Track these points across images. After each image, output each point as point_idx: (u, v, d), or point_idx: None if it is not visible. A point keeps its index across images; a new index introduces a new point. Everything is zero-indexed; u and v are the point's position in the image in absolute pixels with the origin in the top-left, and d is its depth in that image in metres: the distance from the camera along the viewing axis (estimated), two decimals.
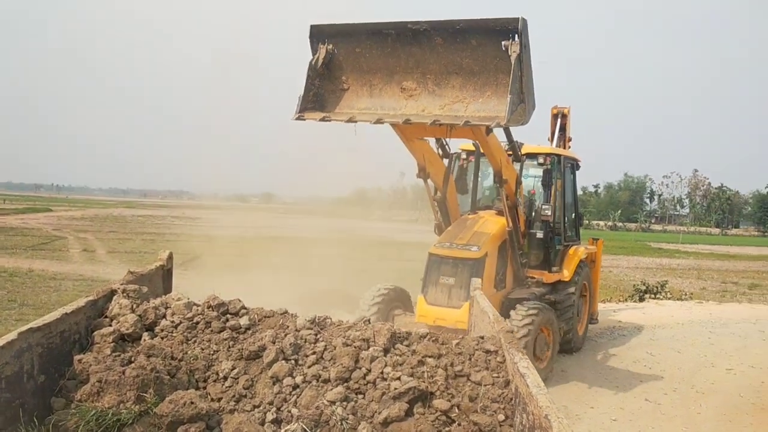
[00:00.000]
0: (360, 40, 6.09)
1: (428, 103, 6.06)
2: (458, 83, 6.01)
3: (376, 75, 6.20)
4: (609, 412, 7.31)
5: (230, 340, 4.54)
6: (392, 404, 3.92)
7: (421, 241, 44.79)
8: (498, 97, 5.80)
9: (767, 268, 36.04)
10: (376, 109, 6.17)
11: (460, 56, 5.92)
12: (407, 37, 5.96)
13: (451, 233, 8.64)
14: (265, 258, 25.94)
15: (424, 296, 8.21)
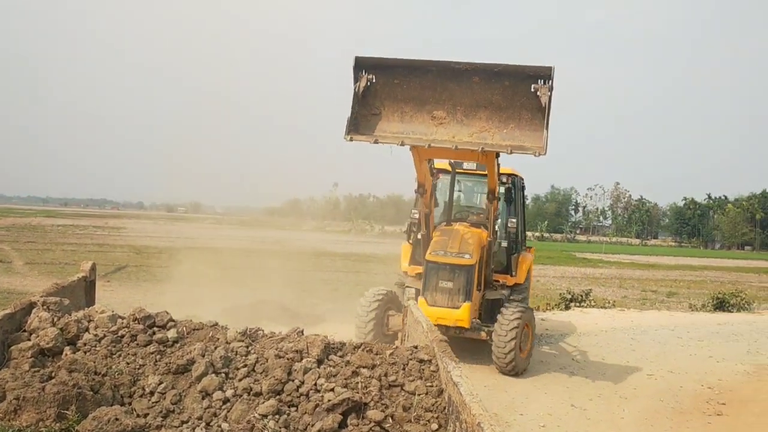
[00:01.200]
0: (401, 73, 6.81)
1: (457, 131, 6.87)
2: (485, 116, 6.82)
3: (408, 104, 6.89)
4: (537, 419, 7.45)
5: (157, 354, 4.41)
6: (326, 416, 3.88)
7: (354, 252, 44.94)
8: (520, 129, 6.79)
9: (684, 277, 37.73)
10: (408, 133, 6.88)
11: (492, 93, 6.74)
12: (447, 73, 6.74)
13: (441, 242, 9.40)
14: (194, 269, 25.36)
15: (424, 299, 9.01)
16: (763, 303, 23.77)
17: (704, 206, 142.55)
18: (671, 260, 60.41)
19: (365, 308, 9.64)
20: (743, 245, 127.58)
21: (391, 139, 6.87)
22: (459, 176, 10.69)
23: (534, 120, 6.73)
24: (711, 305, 19.95)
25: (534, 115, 6.71)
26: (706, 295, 22.77)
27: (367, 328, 9.38)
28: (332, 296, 18.31)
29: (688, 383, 9.54)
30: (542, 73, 6.55)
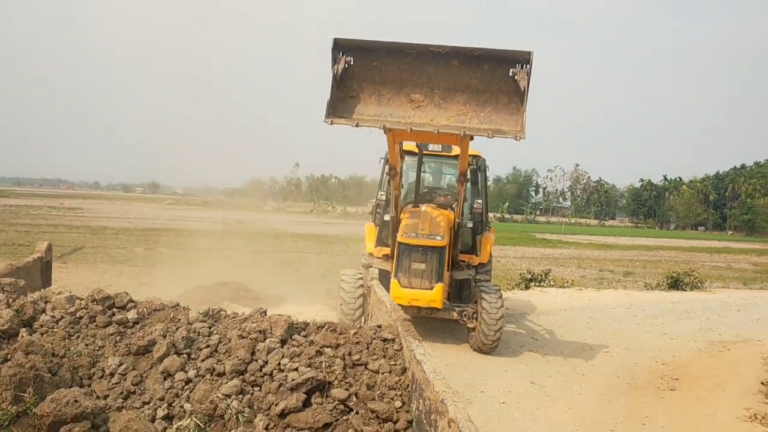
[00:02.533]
0: (379, 55, 6.74)
1: (435, 114, 6.85)
2: (463, 99, 6.86)
3: (386, 86, 6.85)
4: (498, 396, 7.59)
5: (117, 335, 4.33)
6: (290, 395, 3.87)
7: (316, 233, 44.78)
8: (497, 113, 6.81)
9: (640, 257, 38.65)
10: (386, 116, 6.85)
11: (470, 77, 6.77)
12: (426, 57, 6.72)
13: (412, 224, 9.44)
14: (153, 251, 25.02)
15: (398, 280, 9.06)
16: (715, 282, 24.53)
17: (660, 188, 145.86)
18: (628, 241, 61.73)
19: (351, 294, 9.58)
20: (697, 226, 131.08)
21: (372, 122, 6.82)
22: (424, 158, 10.68)
23: (511, 104, 6.83)
24: (665, 284, 20.52)
25: (511, 98, 6.81)
26: (660, 274, 23.38)
27: (356, 315, 9.30)
28: (294, 277, 18.29)
29: (643, 360, 9.81)
30: (521, 57, 6.65)
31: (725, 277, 28.34)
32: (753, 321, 14.08)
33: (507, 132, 6.69)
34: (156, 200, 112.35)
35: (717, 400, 8.01)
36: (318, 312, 11.52)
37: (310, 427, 3.79)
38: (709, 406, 7.79)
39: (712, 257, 43.90)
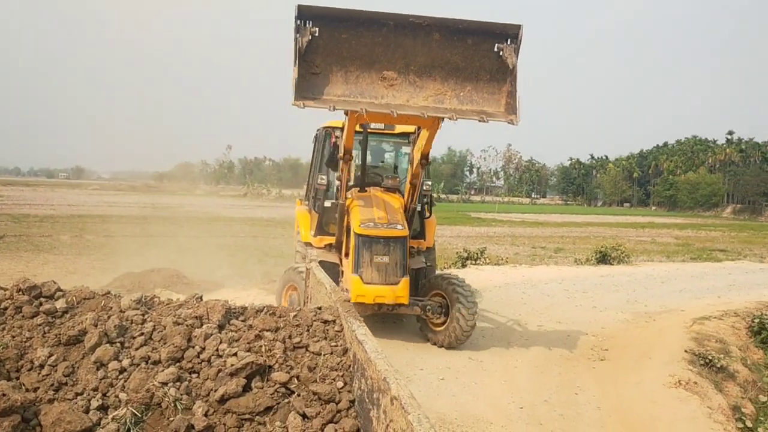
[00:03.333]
0: (350, 26, 6.00)
1: (411, 94, 6.25)
2: (440, 77, 6.28)
3: (355, 62, 6.11)
4: (437, 372, 7.70)
5: (46, 326, 4.15)
6: (229, 380, 3.82)
7: (251, 216, 44.15)
8: (477, 92, 6.33)
9: (570, 234, 39.85)
10: (356, 96, 6.13)
11: (451, 52, 6.20)
12: (404, 29, 6.06)
13: (366, 213, 8.67)
14: (80, 238, 24.18)
15: (359, 276, 8.19)
16: (640, 256, 25.56)
17: (588, 166, 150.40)
18: (558, 218, 63.48)
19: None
20: (623, 202, 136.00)
21: (350, 104, 6.14)
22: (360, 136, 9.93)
23: (492, 82, 6.39)
24: (594, 259, 21.22)
25: (493, 76, 6.36)
26: (589, 250, 24.17)
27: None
28: (229, 262, 18.04)
29: (575, 332, 10.13)
30: (510, 31, 6.19)
31: (650, 251, 29.56)
32: (676, 292, 14.73)
33: (498, 116, 6.24)
34: (81, 186, 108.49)
35: (644, 368, 8.36)
36: (255, 296, 11.39)
37: (251, 411, 3.75)
38: (636, 374, 8.13)
39: (637, 232, 45.70)
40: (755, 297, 13.70)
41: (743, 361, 9.52)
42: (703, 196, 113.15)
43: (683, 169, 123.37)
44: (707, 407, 7.30)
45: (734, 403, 8.05)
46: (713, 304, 12.64)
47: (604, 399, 7.26)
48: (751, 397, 8.55)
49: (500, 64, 6.29)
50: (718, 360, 8.72)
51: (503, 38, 6.22)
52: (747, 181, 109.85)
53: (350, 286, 8.27)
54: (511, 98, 6.31)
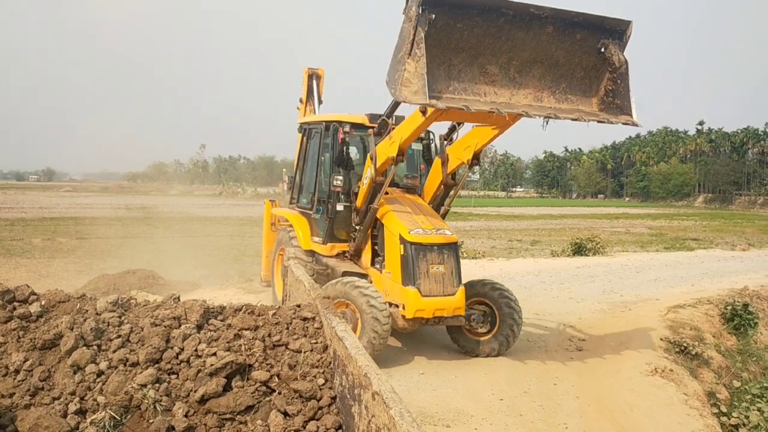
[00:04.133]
0: (470, 14, 5.51)
1: (511, 92, 5.89)
2: (539, 73, 5.96)
3: (459, 55, 5.60)
4: (417, 367, 7.73)
5: (20, 330, 4.08)
6: (209, 381, 3.79)
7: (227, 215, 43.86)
8: (571, 90, 6.04)
9: (545, 226, 40.18)
10: (459, 93, 5.68)
11: (557, 47, 5.87)
12: (520, 20, 5.65)
13: (406, 217, 8.04)
14: (52, 241, 23.81)
15: (417, 289, 7.52)
16: (615, 246, 25.85)
17: (562, 159, 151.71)
18: (534, 211, 63.95)
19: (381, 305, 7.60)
20: (597, 194, 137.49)
21: (484, 105, 5.62)
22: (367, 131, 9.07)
23: (585, 80, 6.12)
24: (570, 251, 21.44)
25: (587, 74, 6.09)
26: (565, 241, 24.42)
27: (386, 329, 7.49)
28: (206, 262, 17.89)
29: (552, 324, 10.23)
30: (618, 28, 5.92)
31: (624, 241, 29.92)
32: (651, 281, 14.94)
33: (619, 120, 5.94)
34: (52, 188, 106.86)
35: (621, 357, 8.47)
36: (233, 295, 11.32)
37: (232, 411, 3.73)
38: (614, 363, 8.23)
39: (611, 223, 46.24)
40: (727, 284, 13.96)
41: (717, 348, 9.70)
42: (675, 187, 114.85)
43: (655, 160, 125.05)
44: (683, 394, 7.42)
45: (709, 389, 8.21)
46: (687, 293, 12.85)
47: (582, 389, 7.35)
48: (725, 383, 8.72)
49: (597, 60, 6.05)
50: (693, 347, 8.87)
51: (609, 34, 5.97)
52: (717, 171, 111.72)
53: (404, 300, 7.58)
54: (620, 98, 6.04)
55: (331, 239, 8.93)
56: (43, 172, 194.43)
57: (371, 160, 7.84)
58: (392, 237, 7.91)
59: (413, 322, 7.64)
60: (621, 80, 6.03)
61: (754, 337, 10.88)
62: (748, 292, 12.88)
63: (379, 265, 8.35)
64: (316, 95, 11.45)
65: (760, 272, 16.86)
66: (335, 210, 8.77)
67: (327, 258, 8.91)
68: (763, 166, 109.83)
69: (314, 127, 9.63)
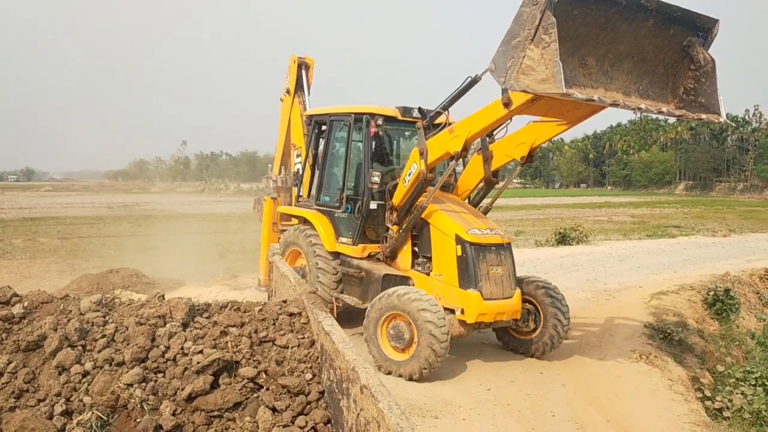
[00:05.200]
0: (587, 2, 5.28)
1: (604, 85, 5.74)
2: (627, 67, 5.88)
3: (565, 44, 5.26)
4: None
5: (3, 332, 4.05)
6: (196, 378, 3.78)
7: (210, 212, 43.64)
8: (652, 86, 5.96)
9: (529, 216, 40.35)
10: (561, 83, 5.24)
11: (650, 41, 5.78)
12: (631, 11, 5.50)
13: (459, 217, 7.72)
14: (33, 241, 23.57)
15: (480, 291, 7.19)
16: (598, 235, 26.02)
17: (544, 149, 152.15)
18: (517, 201, 64.14)
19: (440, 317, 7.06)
20: (579, 183, 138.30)
21: (609, 98, 5.53)
22: (402, 127, 8.81)
23: (664, 76, 6.04)
24: (554, 240, 21.55)
25: (666, 70, 6.00)
26: (549, 231, 24.53)
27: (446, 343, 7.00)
28: (190, 259, 17.78)
29: None
30: (707, 25, 5.86)
31: (607, 230, 30.14)
32: (634, 269, 15.07)
33: (703, 118, 5.93)
34: (32, 188, 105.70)
35: (606, 344, 8.55)
36: (218, 292, 11.26)
37: (220, 408, 3.72)
38: (599, 351, 8.30)
39: (594, 212, 46.54)
40: (709, 270, 14.12)
41: (700, 333, 9.82)
42: (656, 175, 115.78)
43: (636, 149, 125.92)
44: (668, 379, 7.51)
45: (693, 374, 8.30)
46: (670, 279, 12.98)
47: (569, 377, 7.40)
48: (708, 368, 8.83)
49: (677, 58, 5.99)
50: (677, 333, 8.97)
51: (698, 31, 5.89)
52: (698, 158, 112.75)
53: (465, 305, 7.25)
54: (704, 96, 5.98)
55: (362, 240, 8.40)
56: (22, 172, 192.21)
57: (420, 155, 7.33)
58: (444, 237, 7.54)
59: (471, 328, 7.37)
60: (706, 78, 5.96)
61: (736, 321, 11.02)
62: (729, 278, 13.04)
63: (421, 267, 7.95)
64: (306, 86, 10.88)
65: (740, 258, 17.06)
66: (369, 208, 8.27)
67: (359, 260, 8.38)
68: (743, 152, 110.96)
69: (339, 120, 8.94)
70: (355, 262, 8.37)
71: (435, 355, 6.75)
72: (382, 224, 8.30)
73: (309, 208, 9.20)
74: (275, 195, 10.74)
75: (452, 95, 7.18)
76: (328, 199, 8.99)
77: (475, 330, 7.56)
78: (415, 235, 8.04)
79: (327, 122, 9.08)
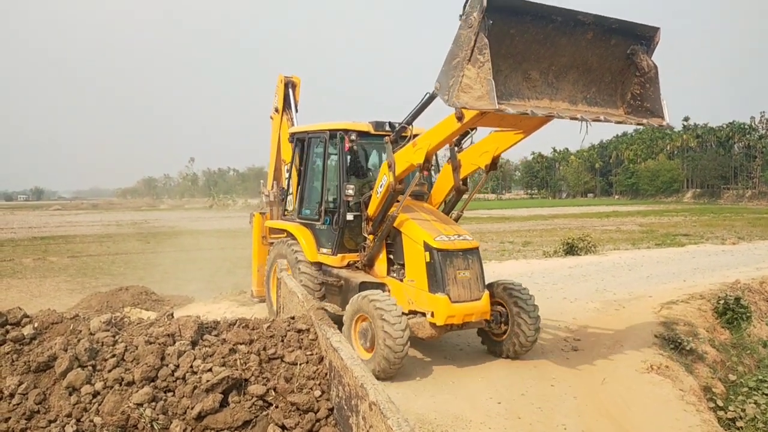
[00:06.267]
0: (524, 20, 5.57)
1: (550, 96, 5.98)
2: (573, 78, 6.11)
3: (507, 60, 5.63)
4: (414, 374, 7.70)
5: (14, 353, 4.07)
6: (205, 397, 3.79)
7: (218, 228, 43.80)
8: (600, 95, 6.24)
9: (536, 227, 40.30)
10: (507, 98, 5.67)
11: (592, 53, 6.04)
12: (568, 26, 5.79)
13: (428, 225, 8.08)
14: (43, 260, 23.69)
15: (447, 295, 7.55)
16: (606, 244, 25.95)
17: (550, 159, 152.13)
18: (524, 212, 64.12)
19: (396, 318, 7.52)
20: (586, 193, 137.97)
21: (543, 110, 5.78)
22: (375, 141, 9.17)
23: (611, 84, 6.32)
24: (562, 251, 21.49)
25: (613, 78, 6.28)
26: (557, 241, 24.47)
27: (403, 341, 7.37)
28: (199, 276, 17.85)
29: (547, 324, 10.23)
30: (648, 33, 6.19)
31: (615, 239, 30.05)
32: (643, 278, 14.99)
33: (650, 122, 6.25)
34: (42, 207, 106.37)
35: (617, 355, 8.49)
36: (227, 308, 11.29)
37: (230, 426, 3.73)
38: (609, 362, 8.25)
39: (602, 222, 46.42)
40: (719, 279, 14.02)
41: (711, 342, 9.75)
42: (663, 183, 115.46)
43: (643, 158, 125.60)
44: (679, 390, 7.45)
45: (705, 384, 8.24)
46: (679, 288, 12.90)
47: (579, 389, 7.36)
48: (720, 377, 8.76)
49: (623, 66, 6.26)
50: (687, 343, 8.91)
51: (639, 40, 6.20)
52: (705, 166, 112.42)
53: (434, 308, 7.59)
54: (649, 101, 6.27)
55: (341, 250, 8.84)
56: (32, 192, 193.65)
57: (389, 167, 7.76)
58: (414, 245, 7.90)
59: (442, 330, 7.66)
60: (650, 84, 6.23)
61: (747, 330, 10.94)
62: (739, 286, 12.95)
63: (396, 273, 8.32)
64: (293, 104, 11.28)
65: (750, 265, 16.95)
66: (345, 220, 8.71)
67: (338, 269, 8.80)
68: (750, 159, 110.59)
69: (316, 136, 9.41)
70: (335, 271, 8.81)
71: (392, 353, 7.13)
72: (360, 234, 8.71)
73: (292, 221, 9.77)
74: (266, 210, 11.11)
75: (414, 110, 7.50)
76: (309, 212, 9.51)
77: (446, 332, 7.83)
78: (389, 244, 8.43)
79: (306, 139, 9.58)
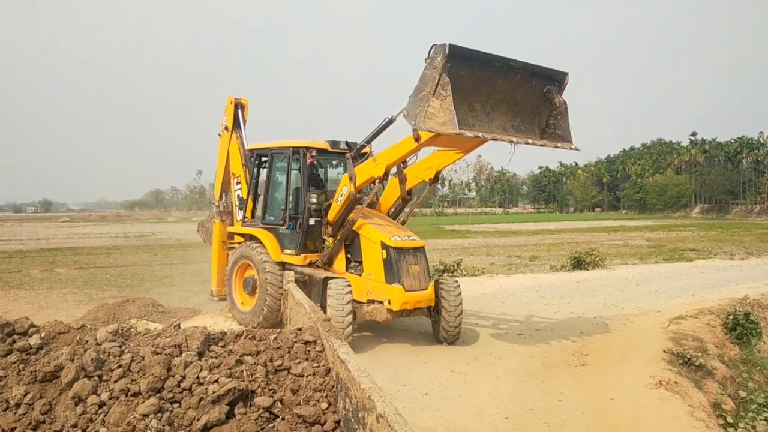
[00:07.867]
0: (473, 64, 7.02)
1: (487, 124, 7.37)
2: (504, 110, 7.58)
3: (457, 94, 6.78)
4: (420, 387, 7.67)
5: (20, 363, 4.07)
6: (211, 408, 3.77)
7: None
8: (523, 122, 7.78)
9: (544, 241, 40.19)
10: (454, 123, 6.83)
11: (518, 90, 7.54)
12: (503, 70, 7.30)
13: (382, 228, 9.51)
14: (51, 272, 23.76)
15: (401, 285, 9.00)
16: (614, 259, 25.84)
17: (558, 173, 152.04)
18: (531, 226, 63.96)
19: (340, 301, 8.92)
20: (594, 207, 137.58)
21: (489, 134, 7.21)
22: (331, 157, 10.74)
23: (532, 115, 7.80)
24: (569, 265, 21.40)
25: (533, 110, 7.77)
26: (564, 256, 24.38)
27: (345, 322, 8.75)
28: (205, 288, 17.81)
29: (554, 339, 10.19)
30: (559, 77, 7.87)
31: (623, 254, 29.91)
32: (651, 293, 14.90)
33: (560, 145, 7.72)
34: (50, 219, 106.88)
35: (625, 370, 8.42)
36: (234, 320, 11.26)
37: None
38: (618, 377, 8.18)
39: (609, 236, 46.24)
40: (728, 294, 13.93)
41: (720, 358, 9.65)
42: (671, 198, 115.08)
43: (651, 172, 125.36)
44: (688, 406, 7.37)
45: (714, 400, 8.14)
46: (688, 304, 12.81)
47: (587, 404, 7.29)
48: (730, 393, 8.66)
49: (540, 101, 7.80)
50: (696, 358, 8.82)
51: (553, 82, 7.79)
52: (713, 181, 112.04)
53: (390, 296, 9.02)
54: (561, 129, 7.79)
55: (303, 250, 10.23)
56: (41, 204, 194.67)
57: (350, 179, 9.16)
58: (372, 244, 9.34)
59: (396, 314, 9.08)
60: (561, 116, 7.80)
61: (757, 346, 10.83)
62: (749, 301, 12.85)
63: (354, 269, 9.75)
64: (242, 123, 12.29)
65: (760, 281, 16.84)
66: (308, 224, 10.15)
67: (302, 267, 10.11)
68: (758, 174, 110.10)
69: (279, 152, 10.82)
70: (298, 269, 10.06)
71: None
72: (320, 237, 10.21)
73: (255, 227, 11.06)
74: (222, 218, 12.47)
75: (373, 132, 9.11)
76: (273, 218, 10.90)
77: (399, 317, 9.22)
78: (347, 244, 9.89)
79: (268, 155, 11.02)
